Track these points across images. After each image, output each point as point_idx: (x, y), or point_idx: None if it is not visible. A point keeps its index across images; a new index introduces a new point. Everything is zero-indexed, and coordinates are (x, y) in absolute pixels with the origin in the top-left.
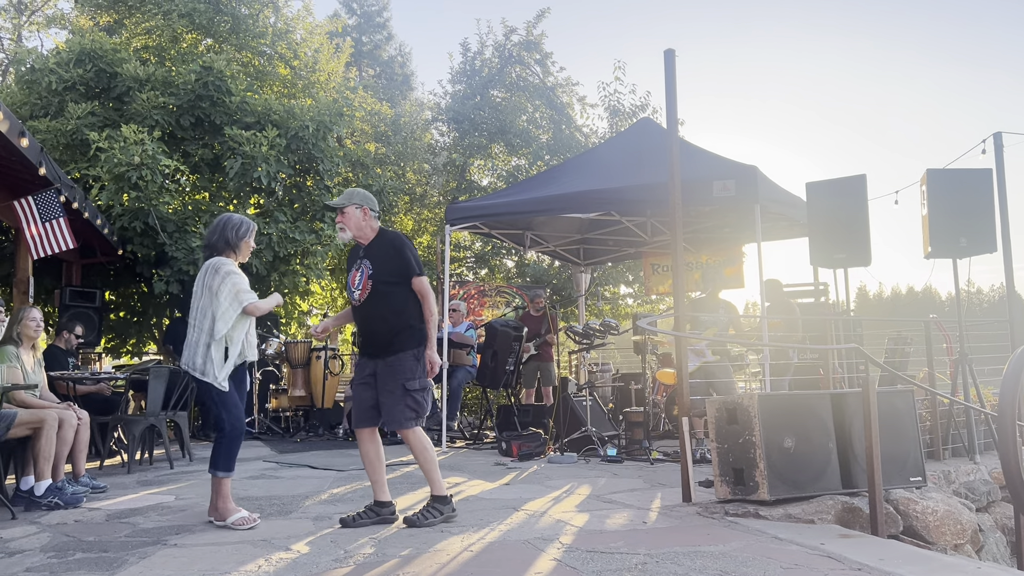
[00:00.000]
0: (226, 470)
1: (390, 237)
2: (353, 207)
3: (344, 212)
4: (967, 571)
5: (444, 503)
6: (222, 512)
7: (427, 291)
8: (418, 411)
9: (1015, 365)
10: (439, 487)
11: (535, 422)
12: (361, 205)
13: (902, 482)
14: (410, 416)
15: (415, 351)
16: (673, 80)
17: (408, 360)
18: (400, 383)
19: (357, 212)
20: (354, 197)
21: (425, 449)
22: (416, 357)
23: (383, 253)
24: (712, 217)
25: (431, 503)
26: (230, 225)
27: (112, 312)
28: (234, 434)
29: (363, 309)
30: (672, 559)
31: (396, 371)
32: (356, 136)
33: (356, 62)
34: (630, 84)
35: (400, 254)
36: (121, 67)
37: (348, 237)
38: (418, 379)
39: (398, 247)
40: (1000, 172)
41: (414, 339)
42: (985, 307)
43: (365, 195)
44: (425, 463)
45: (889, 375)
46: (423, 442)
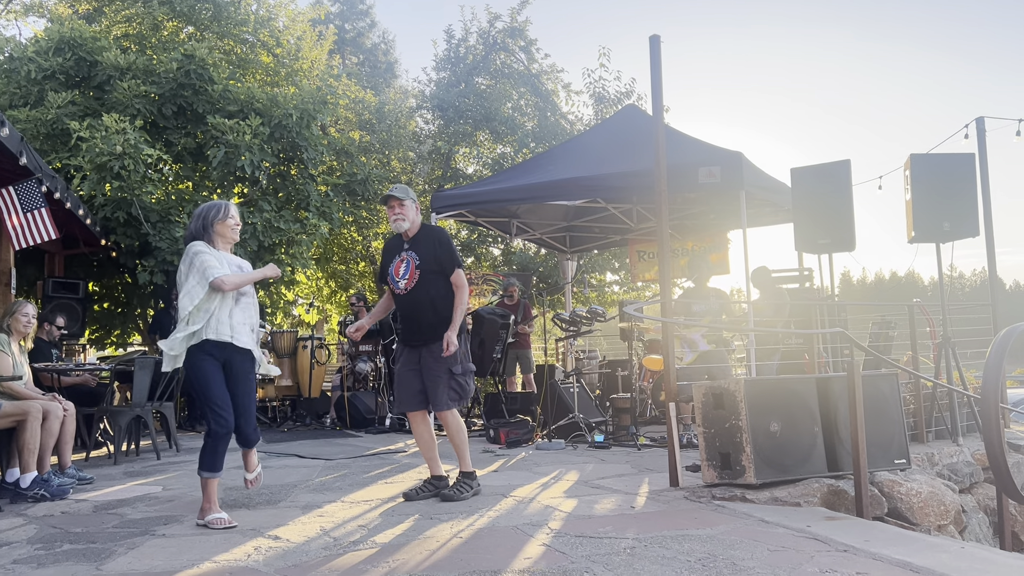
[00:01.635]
0: (207, 469)
1: (435, 231)
2: (410, 201)
3: (404, 205)
4: (950, 551)
5: (472, 478)
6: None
7: (463, 283)
8: (461, 394)
9: (997, 349)
10: (468, 464)
11: (523, 409)
12: (414, 200)
13: (887, 464)
14: (454, 398)
15: (458, 338)
16: (658, 66)
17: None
18: (447, 367)
19: (414, 206)
20: (410, 193)
21: (460, 430)
22: (458, 344)
23: (429, 245)
24: (697, 203)
25: (461, 479)
26: (199, 213)
27: (96, 303)
28: (215, 432)
29: (410, 297)
30: (660, 543)
31: (440, 357)
32: (340, 124)
33: (339, 50)
34: (615, 71)
35: (448, 247)
36: (101, 55)
37: (405, 228)
38: (461, 363)
39: (445, 241)
40: (983, 157)
41: (458, 327)
42: (967, 291)
43: (411, 191)
44: (460, 443)
45: (873, 359)
46: (459, 423)
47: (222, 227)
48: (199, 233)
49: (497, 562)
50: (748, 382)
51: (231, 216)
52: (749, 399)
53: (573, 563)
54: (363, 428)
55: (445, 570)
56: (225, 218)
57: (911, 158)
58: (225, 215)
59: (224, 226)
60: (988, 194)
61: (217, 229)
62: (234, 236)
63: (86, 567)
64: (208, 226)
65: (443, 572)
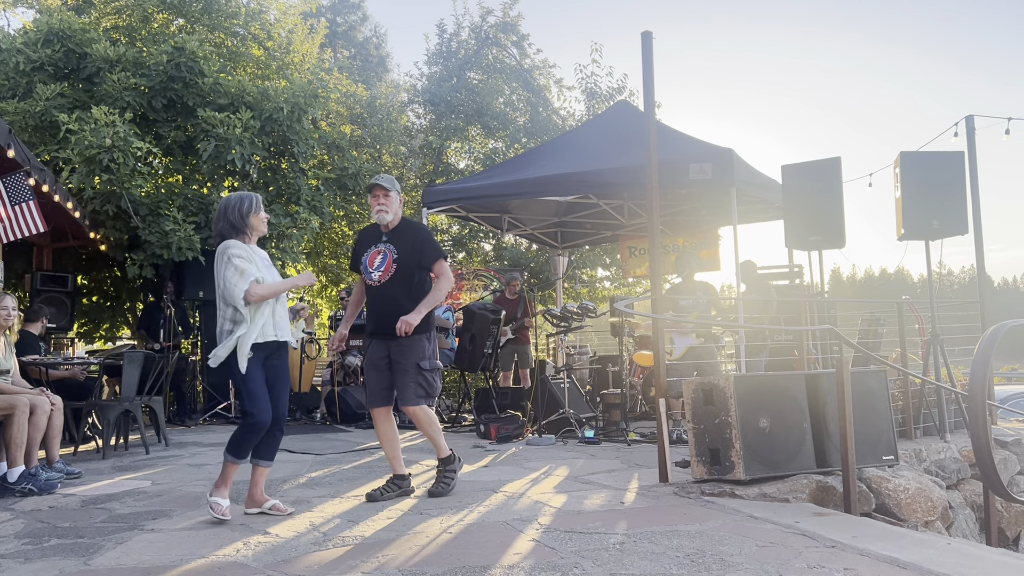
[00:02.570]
0: (233, 455)
1: (416, 225)
2: (395, 193)
3: (389, 196)
4: (937, 547)
5: (451, 462)
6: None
7: (446, 272)
8: (428, 390)
9: (985, 346)
10: (444, 450)
11: (513, 405)
12: (399, 192)
13: (875, 461)
14: (421, 395)
15: (427, 334)
16: (650, 62)
17: (422, 342)
18: (414, 363)
19: (398, 198)
20: (395, 183)
21: (432, 421)
22: (428, 339)
23: (409, 239)
24: (688, 200)
25: (443, 469)
26: (231, 207)
27: (85, 297)
28: (248, 423)
29: (383, 290)
30: (649, 538)
31: (410, 352)
32: (331, 118)
33: (331, 43)
34: (607, 66)
35: (429, 241)
36: (90, 47)
37: (388, 220)
38: (429, 359)
39: (425, 235)
40: (972, 155)
41: (428, 322)
42: (956, 288)
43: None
44: (433, 434)
45: (862, 356)
46: (430, 415)
47: (256, 220)
48: (239, 226)
49: (486, 557)
50: (738, 379)
51: (262, 209)
52: (739, 395)
53: (562, 558)
54: (353, 423)
55: (434, 565)
56: (258, 211)
57: (901, 156)
58: (258, 208)
59: (258, 219)
60: (977, 192)
61: (252, 223)
62: (264, 229)
63: (74, 562)
64: (245, 218)
65: (432, 567)
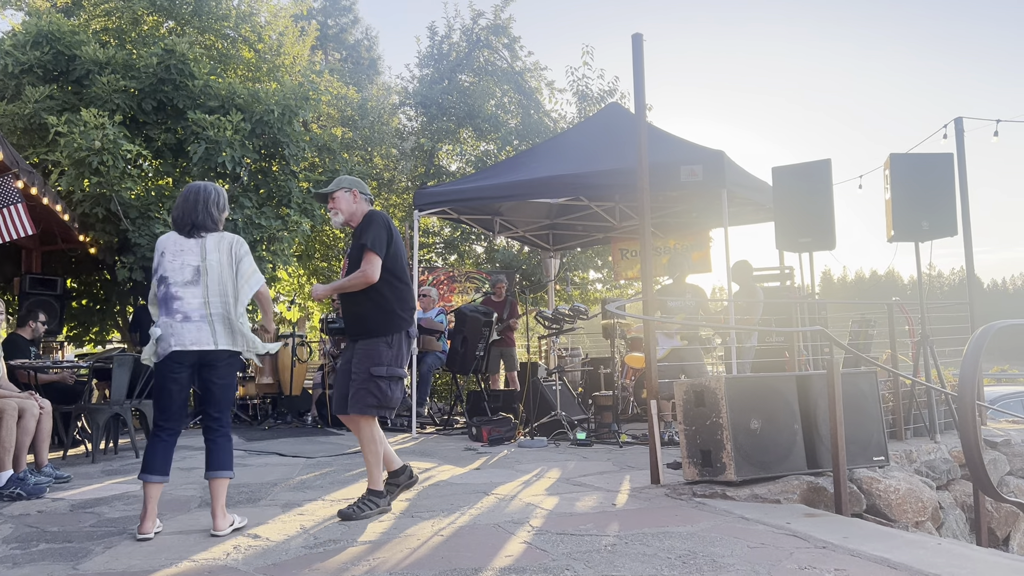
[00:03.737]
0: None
1: (367, 216)
2: (342, 191)
3: (334, 197)
4: (928, 547)
5: (379, 497)
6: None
7: (367, 265)
8: (380, 399)
9: (974, 347)
10: (376, 481)
11: (505, 407)
12: (349, 188)
13: (865, 462)
14: (371, 403)
15: (388, 338)
16: (641, 65)
17: (379, 345)
18: (366, 367)
19: (347, 195)
20: (342, 182)
21: (372, 440)
22: (388, 344)
23: (358, 233)
24: (680, 202)
25: (367, 495)
26: (211, 200)
27: (74, 300)
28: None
29: (344, 293)
30: (641, 540)
31: (364, 356)
32: (322, 121)
33: (322, 45)
34: (598, 69)
35: (365, 231)
36: (80, 49)
37: (340, 221)
38: (386, 366)
39: (364, 225)
40: (961, 156)
41: (390, 325)
42: (946, 290)
43: (353, 180)
44: (368, 455)
45: (853, 357)
46: (371, 433)
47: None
48: (211, 225)
49: (478, 560)
50: (729, 380)
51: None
52: (730, 397)
53: (554, 560)
54: (344, 426)
55: (426, 568)
56: (227, 207)
57: (891, 158)
58: (227, 204)
59: (224, 217)
60: (966, 194)
61: (223, 220)
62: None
63: (63, 567)
64: (219, 216)
65: (424, 570)
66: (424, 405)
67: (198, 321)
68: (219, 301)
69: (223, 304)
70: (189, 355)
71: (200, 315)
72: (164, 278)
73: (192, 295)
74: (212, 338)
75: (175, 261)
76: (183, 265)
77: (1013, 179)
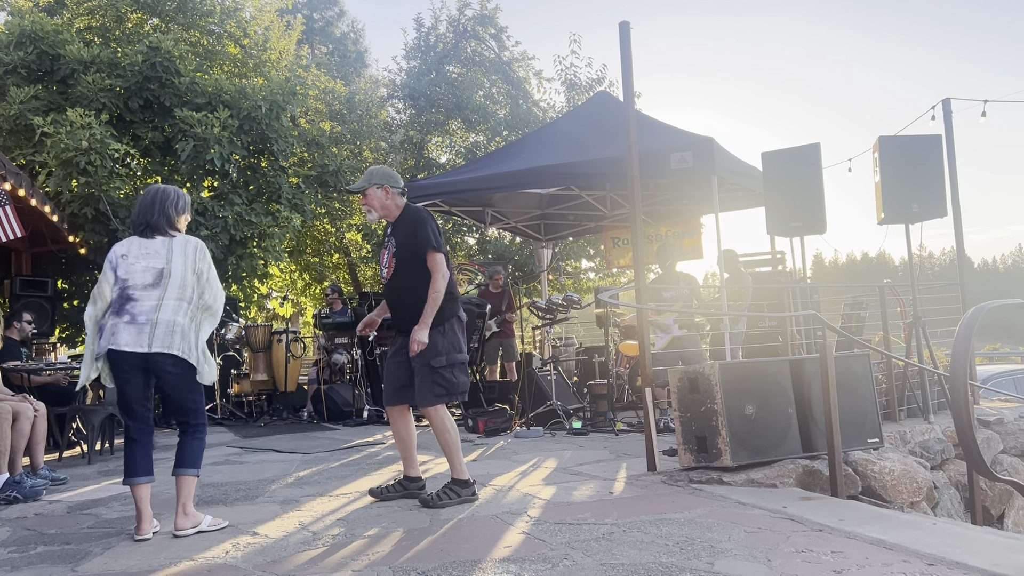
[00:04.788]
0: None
1: (412, 213)
2: (374, 188)
3: (366, 194)
4: (923, 527)
5: (464, 487)
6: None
7: (437, 266)
8: (448, 388)
9: (965, 327)
10: (459, 470)
11: (501, 398)
12: (381, 184)
13: (860, 444)
14: (439, 393)
15: (440, 327)
16: (628, 53)
17: (432, 336)
18: (426, 361)
19: (379, 192)
20: (373, 178)
21: (446, 430)
22: (441, 333)
23: (405, 229)
24: (670, 189)
25: (451, 484)
26: (168, 200)
27: (66, 301)
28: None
29: (390, 286)
30: (639, 527)
31: (422, 351)
32: (310, 115)
33: (308, 39)
34: (586, 57)
35: (423, 227)
36: (64, 49)
37: (375, 218)
38: (444, 355)
39: (421, 221)
40: (949, 138)
41: (443, 314)
42: (937, 270)
43: (386, 173)
44: (445, 444)
45: (846, 340)
46: (443, 422)
47: (184, 220)
48: (165, 226)
49: (477, 551)
50: (723, 366)
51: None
52: (724, 383)
53: (553, 550)
54: (341, 421)
55: (425, 561)
56: (188, 212)
57: (879, 140)
58: (188, 208)
59: (186, 219)
60: (955, 175)
61: (182, 223)
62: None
63: (61, 569)
64: (176, 219)
65: (423, 563)
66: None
67: (142, 324)
68: (173, 306)
69: (175, 309)
70: (126, 356)
71: (146, 318)
72: (123, 280)
73: (149, 297)
74: (147, 341)
75: (137, 264)
76: (146, 268)
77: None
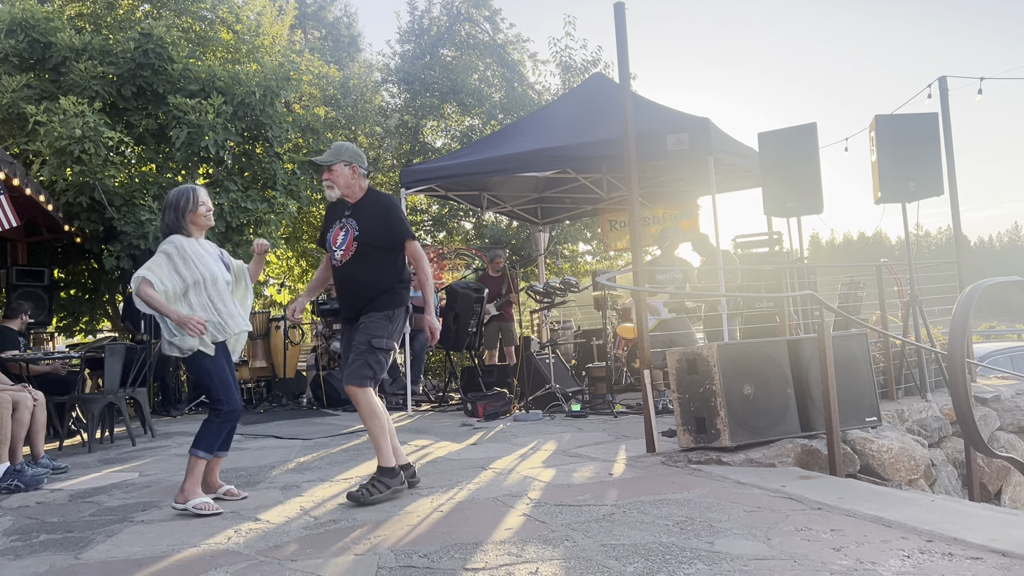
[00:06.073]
0: (205, 451)
1: (380, 198)
2: (341, 164)
3: (332, 170)
4: (921, 504)
5: (391, 476)
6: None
7: (420, 254)
8: (375, 372)
9: (963, 305)
10: (386, 457)
11: (499, 382)
12: (350, 162)
13: (858, 422)
14: (367, 375)
15: (389, 312)
16: (624, 34)
17: (379, 318)
18: (367, 338)
19: (346, 170)
20: (342, 154)
21: (375, 415)
22: (389, 318)
23: (371, 214)
24: (667, 171)
25: (376, 476)
26: (169, 205)
27: (62, 290)
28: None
29: (344, 270)
30: (638, 508)
31: (365, 328)
32: (305, 101)
33: (301, 24)
34: (581, 39)
35: (390, 217)
36: (55, 36)
37: (336, 195)
38: (386, 339)
39: (388, 209)
40: (945, 116)
41: (394, 301)
42: (933, 249)
43: (354, 151)
44: (371, 429)
45: (843, 319)
46: (373, 406)
47: (195, 216)
48: (175, 225)
49: (478, 534)
50: (721, 347)
51: (202, 203)
52: (722, 363)
53: (553, 532)
54: (340, 407)
55: (426, 544)
56: (196, 207)
57: (876, 119)
58: (196, 204)
59: (197, 215)
60: (952, 153)
61: (190, 219)
62: (208, 222)
63: (64, 557)
64: (181, 217)
65: (425, 546)
66: (418, 383)
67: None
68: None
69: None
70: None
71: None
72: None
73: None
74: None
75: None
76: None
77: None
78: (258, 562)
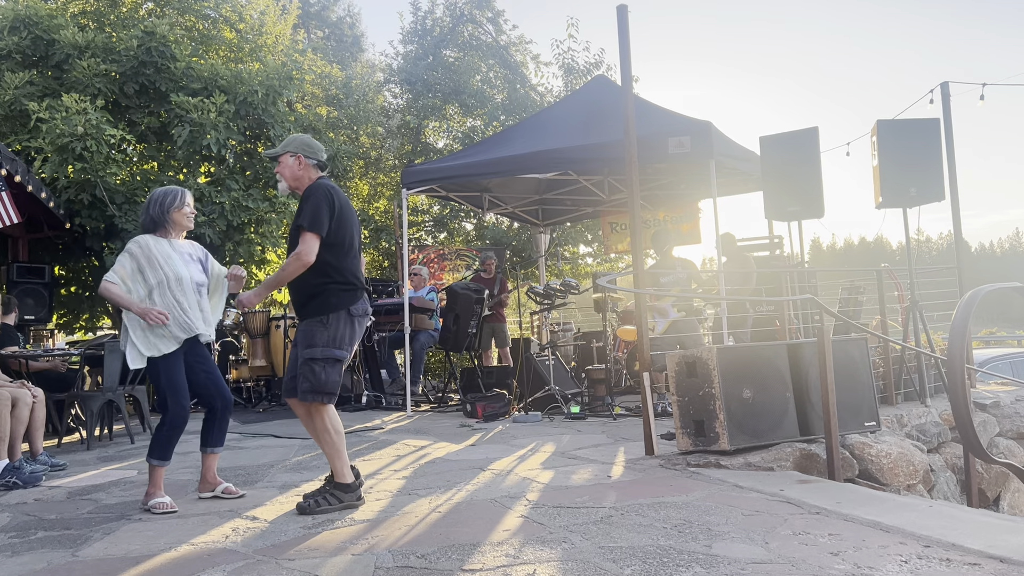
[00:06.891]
0: (159, 459)
1: (310, 188)
2: (287, 155)
3: (280, 161)
4: (919, 509)
5: (347, 491)
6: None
7: (303, 246)
8: (313, 384)
9: (963, 311)
10: (341, 472)
11: (499, 383)
12: (296, 153)
13: (857, 427)
14: (305, 388)
15: (323, 318)
16: (626, 36)
17: (313, 326)
18: (299, 351)
19: (291, 160)
20: (289, 145)
21: (326, 430)
22: (323, 324)
23: (299, 207)
24: (668, 174)
25: (327, 487)
26: (154, 201)
27: (63, 287)
28: (171, 418)
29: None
30: (637, 511)
31: (300, 338)
32: (307, 100)
33: (304, 24)
34: (584, 41)
35: (302, 204)
36: (58, 34)
37: (285, 188)
38: (320, 347)
39: (304, 197)
40: (947, 121)
41: (327, 304)
42: (934, 255)
43: (303, 142)
44: (323, 445)
45: (843, 324)
46: (323, 422)
47: (179, 215)
48: (159, 220)
49: (476, 535)
50: (720, 350)
51: (187, 204)
52: (722, 367)
53: (551, 533)
54: (339, 406)
55: (424, 545)
56: (181, 206)
57: (878, 124)
58: (181, 203)
59: (180, 214)
60: (953, 159)
61: (174, 217)
62: (188, 223)
63: (62, 553)
64: (165, 213)
65: (422, 547)
66: (418, 383)
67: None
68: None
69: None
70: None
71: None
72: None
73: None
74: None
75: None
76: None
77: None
78: (255, 560)
